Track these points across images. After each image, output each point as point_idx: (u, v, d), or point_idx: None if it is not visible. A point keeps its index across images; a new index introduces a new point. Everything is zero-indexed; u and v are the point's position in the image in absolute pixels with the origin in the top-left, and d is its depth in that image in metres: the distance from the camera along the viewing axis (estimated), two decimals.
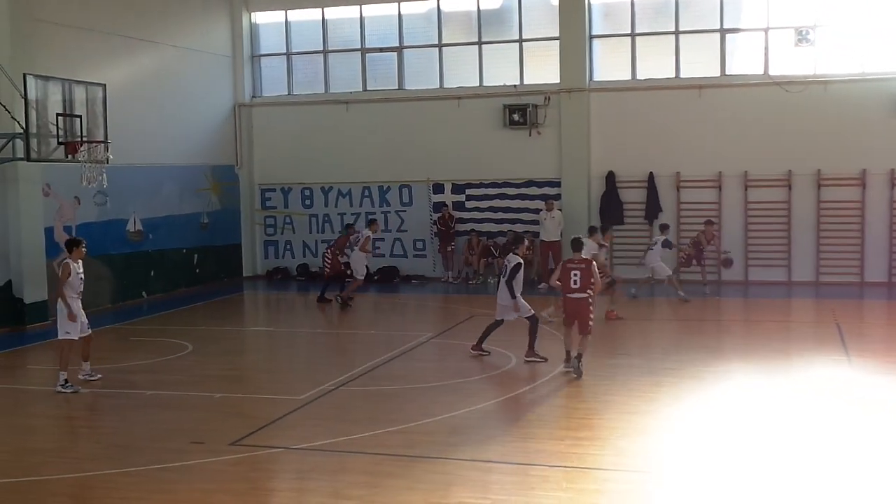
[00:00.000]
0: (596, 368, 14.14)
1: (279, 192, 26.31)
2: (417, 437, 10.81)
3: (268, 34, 26.59)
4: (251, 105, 26.38)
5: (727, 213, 23.12)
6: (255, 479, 9.79)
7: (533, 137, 24.17)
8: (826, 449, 10.13)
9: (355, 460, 10.09)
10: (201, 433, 11.17)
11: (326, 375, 13.91)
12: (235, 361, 16.06)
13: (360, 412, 12.11)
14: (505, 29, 24.87)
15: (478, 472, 9.65)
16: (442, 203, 24.88)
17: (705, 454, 10.06)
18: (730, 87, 23.11)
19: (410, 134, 25.09)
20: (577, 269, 13.90)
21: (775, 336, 17.09)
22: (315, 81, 26.30)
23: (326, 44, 26.03)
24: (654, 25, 23.84)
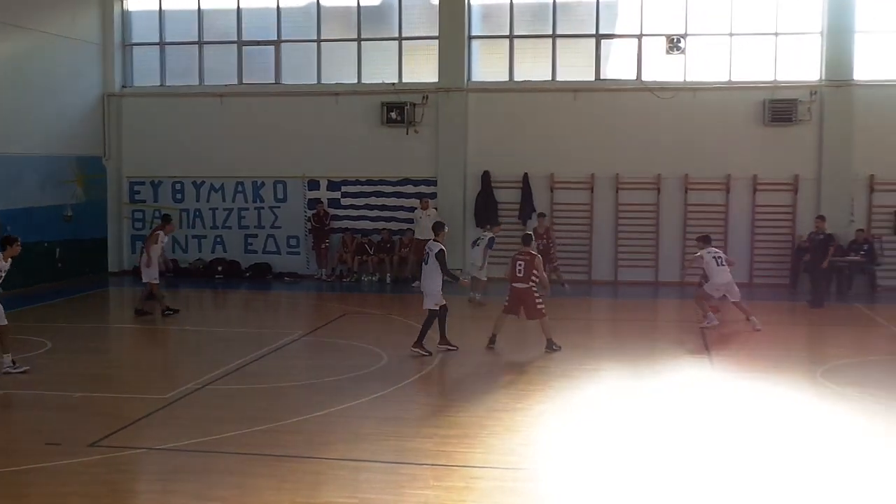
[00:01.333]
0: (466, 366, 14.21)
1: (149, 185, 25.57)
2: (286, 436, 10.64)
3: (140, 22, 25.78)
4: (121, 95, 25.57)
5: (599, 214, 23.55)
6: (115, 481, 9.43)
7: (410, 136, 24.15)
8: (687, 445, 10.37)
9: (222, 460, 9.86)
10: (58, 434, 10.71)
11: (193, 374, 13.56)
12: (97, 359, 15.49)
13: (227, 411, 11.83)
14: (385, 26, 24.76)
15: (347, 471, 9.55)
16: (317, 200, 24.62)
17: (574, 451, 10.19)
18: (604, 91, 23.56)
19: (287, 129, 24.74)
20: (521, 260, 15.10)
21: (643, 335, 17.45)
22: (189, 73, 25.65)
23: (202, 35, 25.43)
24: (532, 28, 24.12)
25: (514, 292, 15.24)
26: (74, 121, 24.25)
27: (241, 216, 25.09)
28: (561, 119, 23.65)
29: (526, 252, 15.35)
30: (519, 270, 15.14)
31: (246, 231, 25.08)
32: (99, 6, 25.06)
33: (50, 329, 17.23)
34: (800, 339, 17.42)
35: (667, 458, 9.95)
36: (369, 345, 15.57)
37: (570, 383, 13.28)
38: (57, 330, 17.25)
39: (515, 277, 15.19)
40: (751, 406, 12.07)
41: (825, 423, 11.26)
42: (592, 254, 23.62)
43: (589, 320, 19.62)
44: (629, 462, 9.82)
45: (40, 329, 17.11)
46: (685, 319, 18.40)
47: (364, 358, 14.68)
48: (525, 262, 15.14)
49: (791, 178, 22.83)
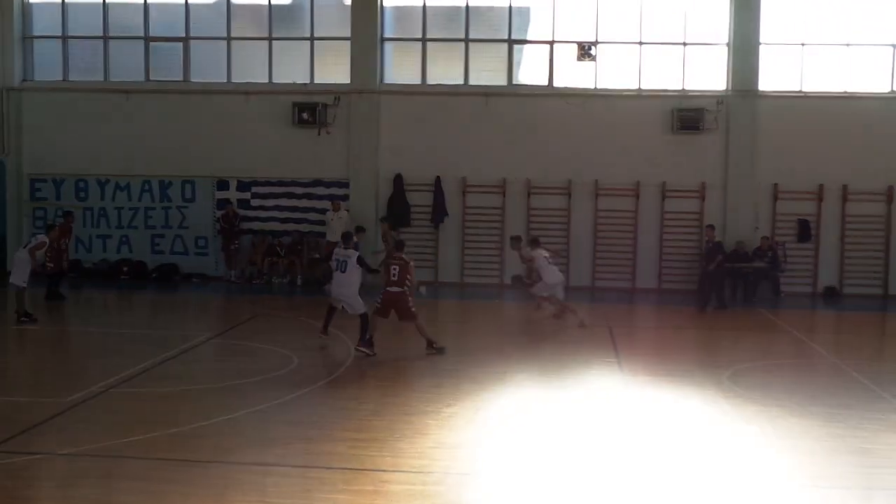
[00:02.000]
0: (378, 370, 14.15)
1: (51, 182, 24.83)
2: (193, 441, 10.42)
3: (42, 15, 25.09)
4: (21, 89, 24.81)
5: (510, 219, 23.69)
6: (11, 487, 9.10)
7: (322, 137, 23.96)
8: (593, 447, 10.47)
9: (127, 465, 9.60)
10: None
11: (96, 376, 13.19)
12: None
13: (132, 415, 11.53)
14: (296, 26, 24.55)
15: (255, 476, 9.40)
16: (226, 200, 24.25)
17: (483, 454, 10.20)
18: (515, 96, 23.73)
19: (195, 128, 24.32)
20: (395, 264, 15.22)
21: (553, 339, 17.58)
22: (94, 68, 25.00)
23: (107, 29, 24.83)
24: (444, 32, 24.18)
25: (388, 296, 15.22)
26: None
27: (147, 216, 24.57)
28: (473, 123, 23.75)
29: (399, 257, 15.50)
30: (393, 274, 15.25)
31: (153, 231, 24.55)
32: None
33: None
34: (706, 344, 17.75)
35: (572, 459, 10.04)
36: (279, 347, 15.37)
37: (479, 387, 13.28)
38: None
39: (390, 281, 15.27)
40: (657, 409, 12.25)
41: (729, 427, 11.46)
42: (504, 258, 23.71)
43: (499, 324, 19.67)
44: (537, 464, 9.86)
45: None
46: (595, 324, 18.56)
47: (274, 361, 14.49)
48: (399, 267, 15.29)
49: (698, 186, 23.31)
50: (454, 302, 22.28)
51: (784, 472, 9.78)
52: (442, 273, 23.92)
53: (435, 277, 23.78)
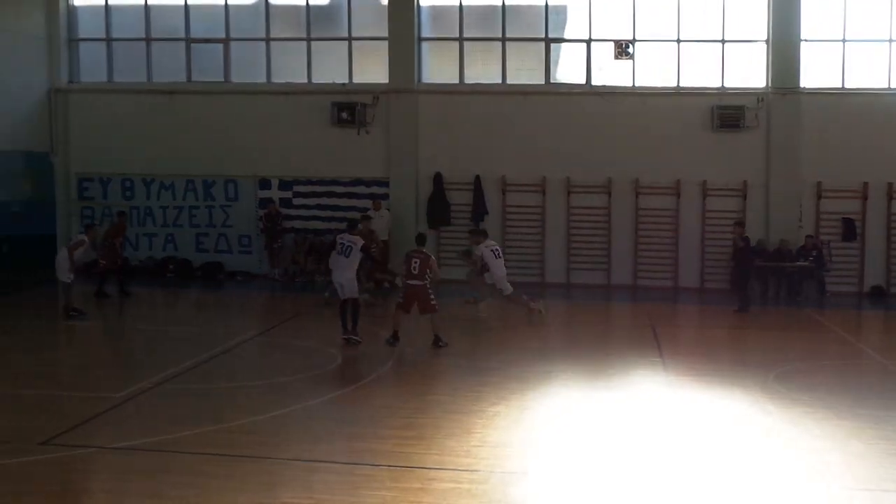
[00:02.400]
0: (422, 368, 14.27)
1: (98, 182, 25.23)
2: (240, 437, 10.59)
3: (87, 18, 25.45)
4: (68, 90, 25.21)
5: (550, 217, 23.73)
6: (68, 480, 9.36)
7: (361, 136, 24.13)
8: (639, 447, 10.51)
9: (177, 460, 9.79)
10: (7, 432, 10.56)
11: (146, 373, 13.43)
12: (48, 357, 15.29)
13: (181, 411, 11.75)
14: (334, 26, 24.72)
15: (302, 472, 9.54)
16: (269, 199, 24.49)
17: (528, 453, 10.27)
18: (553, 94, 23.74)
19: (237, 128, 24.57)
20: (416, 258, 15.37)
21: (596, 338, 17.61)
22: (137, 69, 25.34)
23: (149, 31, 25.16)
24: (481, 31, 24.23)
25: (410, 289, 15.53)
26: (20, 116, 23.89)
27: (192, 214, 24.88)
28: (511, 122, 23.79)
29: (419, 251, 15.75)
30: (413, 268, 15.46)
31: (197, 230, 24.86)
32: (44, 1, 24.67)
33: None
34: (750, 344, 17.59)
35: (618, 459, 10.08)
36: (323, 345, 15.55)
37: (523, 386, 13.34)
38: (5, 326, 16.97)
39: (410, 275, 15.49)
40: (702, 409, 12.24)
41: (775, 429, 11.40)
42: (545, 256, 23.79)
43: (542, 323, 19.70)
44: (582, 464, 9.93)
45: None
46: (638, 324, 18.58)
47: (318, 358, 14.66)
48: (420, 260, 15.51)
49: (740, 184, 23.19)
50: (495, 301, 22.29)
51: (833, 474, 9.70)
52: None
53: None
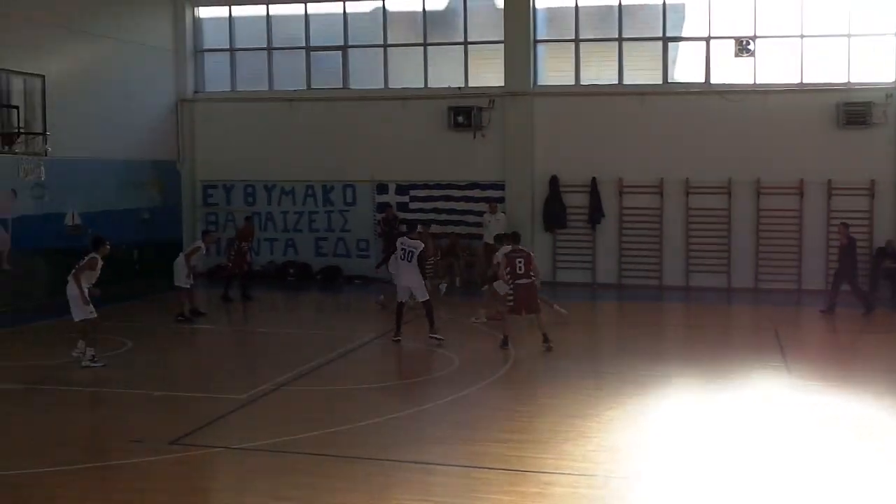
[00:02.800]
0: (538, 371, 14.25)
1: (221, 188, 26.02)
2: (359, 439, 10.76)
3: (211, 29, 26.29)
4: (194, 100, 26.06)
5: (669, 219, 23.39)
6: (194, 478, 9.67)
7: (477, 140, 24.21)
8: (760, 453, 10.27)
9: (296, 461, 10.00)
10: (140, 431, 10.98)
11: (268, 375, 13.79)
12: (176, 359, 15.86)
13: (301, 412, 12.02)
14: (450, 31, 24.88)
15: (419, 474, 9.63)
16: (386, 203, 24.80)
17: (646, 457, 10.15)
18: (671, 94, 23.39)
19: (355, 133, 24.97)
20: (520, 257, 15.27)
21: (715, 341, 17.29)
22: (259, 78, 26.04)
23: (271, 41, 25.82)
24: (598, 32, 24.04)
25: (520, 290, 15.31)
26: (150, 126, 24.77)
27: (311, 219, 25.40)
28: (628, 123, 23.52)
29: (520, 249, 15.67)
30: (519, 267, 15.28)
31: (316, 234, 25.37)
32: (172, 14, 25.59)
33: (130, 329, 17.61)
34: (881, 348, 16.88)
35: (736, 464, 9.86)
36: (440, 349, 15.66)
37: (641, 389, 13.21)
38: (137, 330, 17.63)
39: (517, 275, 15.27)
40: (828, 414, 11.88)
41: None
42: (663, 259, 23.47)
43: (660, 326, 19.48)
44: (701, 468, 9.76)
45: (120, 329, 17.49)
46: (759, 326, 18.16)
47: (435, 361, 14.81)
48: (524, 259, 15.36)
49: (867, 183, 22.40)
50: (612, 304, 22.20)
51: None
52: (599, 274, 23.82)
53: (592, 279, 23.73)
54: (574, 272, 23.75)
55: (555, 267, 23.99)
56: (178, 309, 18.67)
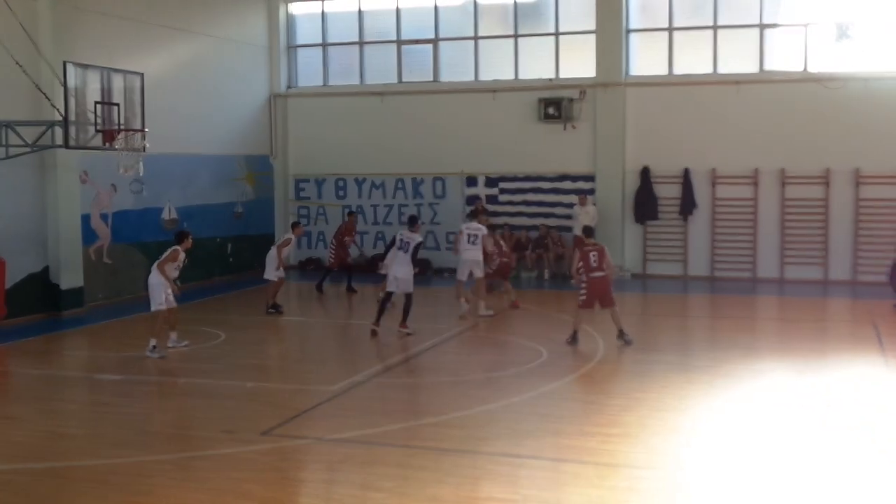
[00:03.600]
0: (628, 365, 14.11)
1: (313, 182, 26.38)
2: (448, 431, 10.79)
3: (304, 25, 26.66)
4: (286, 95, 26.45)
5: (763, 210, 22.90)
6: (285, 468, 9.82)
7: (568, 131, 24.05)
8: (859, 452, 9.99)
9: (386, 452, 10.07)
10: (232, 422, 11.21)
11: (358, 367, 13.96)
12: (268, 351, 16.14)
13: (391, 404, 12.12)
14: (541, 22, 24.75)
15: (508, 467, 9.61)
16: (475, 196, 24.84)
17: (737, 453, 9.96)
18: (768, 83, 22.86)
19: (445, 126, 25.05)
20: (594, 251, 15.16)
21: (811, 335, 16.88)
22: (350, 72, 26.32)
23: (362, 35, 26.04)
24: (692, 20, 23.63)
25: (594, 284, 15.11)
26: (244, 121, 25.24)
27: (401, 212, 25.55)
28: (723, 112, 23.09)
29: (593, 243, 15.44)
30: (594, 261, 15.10)
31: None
32: (265, 10, 26.02)
33: (223, 321, 18.02)
34: None
35: (833, 463, 9.62)
36: (528, 341, 15.64)
37: (732, 383, 12.99)
38: (230, 322, 18.00)
39: (591, 268, 15.10)
40: None
41: None
42: (757, 251, 22.98)
43: (753, 319, 19.09)
44: (793, 463, 9.55)
45: (214, 321, 17.93)
46: (857, 319, 17.67)
47: (523, 354, 14.76)
48: (598, 252, 15.17)
49: None
50: (704, 296, 21.83)
51: None
52: (691, 267, 23.46)
53: (683, 271, 23.40)
54: (665, 264, 23.43)
55: (645, 259, 23.72)
56: (270, 301, 18.98)
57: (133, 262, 20.68)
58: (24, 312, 17.94)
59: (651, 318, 18.31)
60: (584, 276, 15.22)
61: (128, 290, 20.56)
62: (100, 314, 18.86)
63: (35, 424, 11.47)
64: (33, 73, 16.75)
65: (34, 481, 9.31)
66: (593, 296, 15.18)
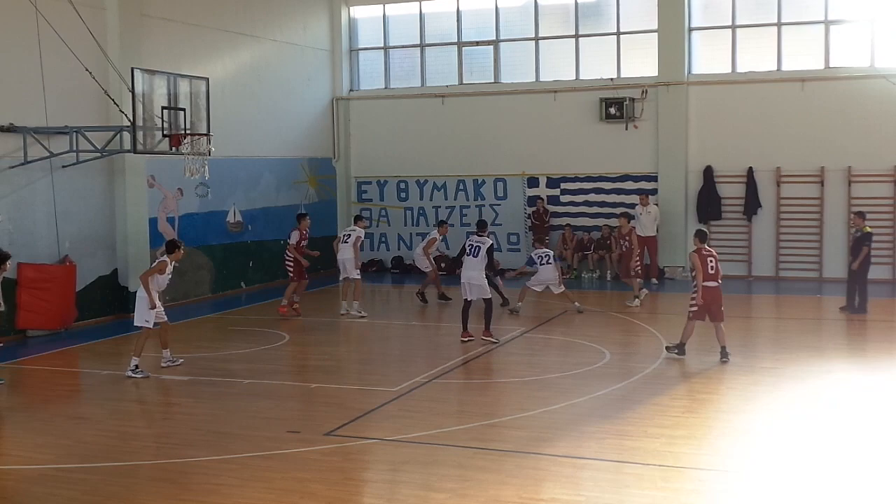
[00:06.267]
0: (692, 366, 13.98)
1: (375, 184, 26.57)
2: (510, 432, 10.80)
3: (366, 28, 26.86)
4: (349, 98, 26.65)
5: (829, 209, 22.54)
6: (349, 469, 9.91)
7: (629, 131, 23.91)
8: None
9: (447, 453, 10.11)
10: (297, 422, 11.36)
11: (420, 368, 14.02)
12: (331, 352, 16.28)
13: (453, 405, 12.18)
14: (602, 21, 24.64)
15: (571, 469, 9.60)
16: (536, 197, 24.80)
17: (804, 455, 9.83)
18: (834, 79, 22.49)
19: (506, 127, 25.06)
20: (712, 256, 14.13)
21: (880, 335, 16.59)
22: (411, 75, 26.46)
23: (423, 37, 26.16)
24: (755, 17, 23.33)
25: (709, 293, 13.91)
26: (306, 124, 25.49)
27: (462, 214, 25.62)
28: (787, 110, 22.77)
29: (710, 249, 14.26)
30: (711, 268, 13.97)
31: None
32: (328, 14, 26.26)
33: (287, 322, 18.23)
34: None
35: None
36: (591, 342, 15.57)
37: (799, 385, 12.81)
38: (294, 323, 18.20)
39: (708, 275, 13.91)
40: None
41: None
42: (823, 250, 22.62)
43: (818, 320, 18.78)
44: (861, 467, 9.38)
45: (279, 322, 18.16)
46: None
47: (586, 355, 14.70)
48: (715, 259, 14.12)
49: None
50: (770, 297, 21.53)
51: None
52: (755, 267, 23.17)
53: (748, 271, 23.12)
54: (729, 265, 22.99)
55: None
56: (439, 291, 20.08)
57: (199, 264, 21.00)
58: (94, 315, 18.36)
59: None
60: (697, 283, 14.00)
61: (193, 292, 20.89)
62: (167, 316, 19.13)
63: (105, 424, 11.73)
64: (102, 79, 17.11)
65: (104, 480, 9.51)
66: (706, 306, 13.97)
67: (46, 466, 9.86)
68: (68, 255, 17.76)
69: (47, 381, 14.39)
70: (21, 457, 10.24)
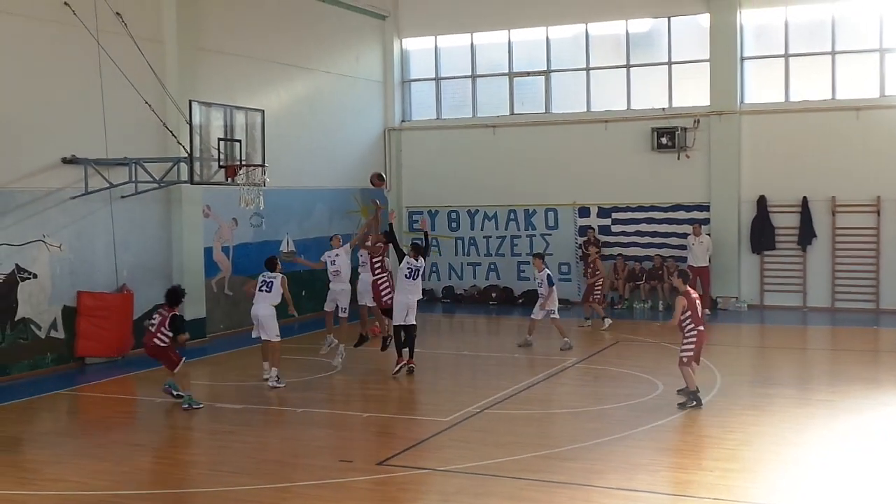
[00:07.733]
0: (745, 398, 13.84)
1: (426, 214, 26.68)
2: (561, 463, 10.78)
3: (418, 59, 27.13)
4: (400, 129, 26.89)
5: (886, 239, 22.24)
6: (401, 499, 9.96)
7: (681, 160, 23.82)
8: None
9: (498, 484, 10.12)
10: (350, 452, 11.44)
11: (471, 398, 14.03)
12: (382, 381, 16.33)
13: (504, 436, 12.16)
14: (654, 51, 24.64)
15: (622, 501, 9.57)
16: (587, 226, 24.77)
17: (859, 489, 9.71)
18: (889, 108, 22.26)
19: (557, 157, 25.10)
20: (698, 299, 13.72)
21: None
22: (463, 105, 26.64)
23: (475, 68, 26.35)
24: (809, 46, 23.17)
25: (702, 337, 13.34)
26: (359, 155, 25.71)
27: (513, 244, 25.66)
28: (842, 139, 22.55)
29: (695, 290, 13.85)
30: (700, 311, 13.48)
31: (518, 258, 25.60)
32: (381, 46, 26.56)
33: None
34: None
35: None
36: (643, 373, 15.48)
37: (854, 417, 12.63)
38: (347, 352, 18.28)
39: (699, 319, 13.32)
40: None
41: None
42: (880, 281, 22.30)
43: (875, 352, 18.50)
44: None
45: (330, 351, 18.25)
46: None
47: (638, 386, 14.62)
48: (701, 302, 13.77)
49: None
50: (824, 328, 21.25)
51: None
52: (810, 298, 22.88)
53: (803, 302, 22.84)
54: (783, 295, 22.94)
55: (762, 290, 23.25)
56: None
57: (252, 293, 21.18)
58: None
59: (769, 350, 17.87)
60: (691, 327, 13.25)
61: (247, 321, 20.89)
62: (221, 344, 19.43)
63: (161, 451, 11.92)
64: (160, 111, 17.49)
65: None
66: (699, 351, 13.38)
67: (104, 493, 10.01)
68: (126, 283, 18.07)
69: (104, 408, 14.66)
70: (79, 482, 10.41)
